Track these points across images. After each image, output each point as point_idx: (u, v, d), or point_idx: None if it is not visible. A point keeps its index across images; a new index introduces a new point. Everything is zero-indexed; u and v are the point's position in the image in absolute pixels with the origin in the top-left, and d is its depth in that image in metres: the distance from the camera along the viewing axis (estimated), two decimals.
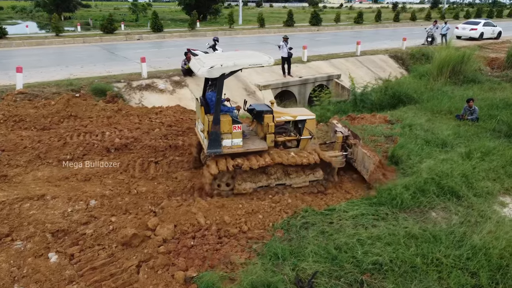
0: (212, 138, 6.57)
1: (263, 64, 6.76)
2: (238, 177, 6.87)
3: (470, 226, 6.05)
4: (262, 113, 7.11)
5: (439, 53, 17.29)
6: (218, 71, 6.38)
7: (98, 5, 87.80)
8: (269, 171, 6.98)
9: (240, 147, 6.80)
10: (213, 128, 6.52)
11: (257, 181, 6.99)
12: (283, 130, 7.43)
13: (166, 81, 14.07)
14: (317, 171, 7.34)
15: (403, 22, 43.43)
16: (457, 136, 9.80)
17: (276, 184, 7.15)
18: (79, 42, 22.88)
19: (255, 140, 7.19)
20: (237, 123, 6.73)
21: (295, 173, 7.19)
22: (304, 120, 7.50)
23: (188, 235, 5.70)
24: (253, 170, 6.80)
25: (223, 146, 6.69)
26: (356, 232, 5.88)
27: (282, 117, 7.33)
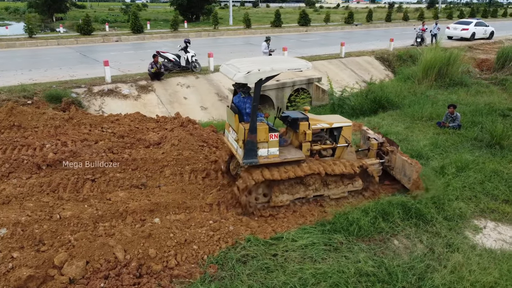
0: (248, 148, 6.17)
1: (302, 68, 6.30)
2: (275, 189, 6.46)
3: (434, 260, 5.21)
4: (297, 121, 6.76)
5: (425, 54, 16.48)
6: (256, 76, 5.94)
7: (93, 6, 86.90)
8: (307, 181, 6.60)
9: (277, 157, 6.40)
10: (249, 137, 6.13)
11: (295, 192, 6.61)
12: (318, 138, 7.07)
13: (131, 85, 13.23)
14: (356, 181, 6.96)
15: (395, 22, 42.67)
16: (434, 147, 8.98)
17: (314, 195, 6.77)
18: (53, 44, 22.01)
19: (290, 149, 6.80)
20: (274, 131, 6.31)
21: (334, 183, 6.82)
22: (341, 127, 7.10)
23: (101, 274, 4.84)
24: (290, 181, 6.49)
25: (259, 156, 6.27)
26: (301, 267, 5.04)
27: (318, 124, 6.97)
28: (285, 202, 6.56)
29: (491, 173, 7.63)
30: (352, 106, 13.58)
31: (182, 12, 40.76)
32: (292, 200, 6.63)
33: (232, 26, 34.62)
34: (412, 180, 6.91)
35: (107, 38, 24.43)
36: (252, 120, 6.08)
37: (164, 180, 7.46)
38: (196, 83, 14.43)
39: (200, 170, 7.75)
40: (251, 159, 6.22)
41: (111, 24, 35.20)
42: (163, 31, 29.44)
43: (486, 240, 5.79)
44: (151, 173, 7.56)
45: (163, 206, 6.40)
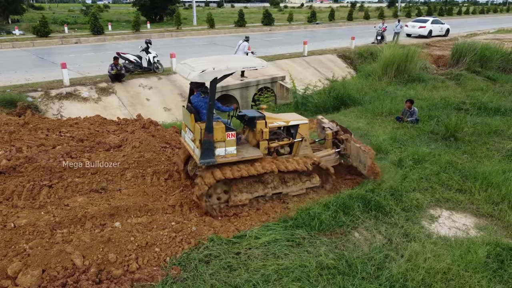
0: (205, 147, 6.12)
1: (257, 67, 6.29)
2: (233, 188, 6.49)
3: (392, 249, 5.37)
4: (254, 119, 6.72)
5: (384, 51, 16.95)
6: (211, 75, 5.90)
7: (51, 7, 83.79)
8: (266, 180, 6.66)
9: (235, 156, 6.37)
10: (205, 137, 6.07)
11: (254, 191, 6.65)
12: (276, 136, 7.06)
13: (91, 88, 12.88)
14: (313, 177, 7.08)
15: (357, 21, 43.65)
16: (393, 141, 9.25)
17: (273, 193, 6.83)
18: (8, 47, 21.11)
19: (248, 148, 6.80)
20: (231, 130, 6.29)
21: (292, 180, 6.91)
22: (297, 125, 7.15)
23: (58, 282, 4.69)
24: (249, 179, 6.51)
25: (216, 156, 6.23)
26: (264, 264, 5.07)
27: (274, 122, 6.96)
28: (245, 201, 6.58)
29: (446, 164, 7.94)
30: (315, 103, 13.79)
31: (145, 12, 40.08)
32: (251, 199, 6.66)
33: (196, 26, 34.36)
34: (367, 166, 7.11)
35: (66, 40, 23.68)
36: (208, 119, 6.04)
37: (125, 183, 7.31)
38: (159, 84, 14.23)
39: (162, 172, 7.65)
40: (209, 158, 6.18)
41: (70, 25, 34.07)
42: (125, 32, 28.83)
43: (441, 228, 6.03)
44: (111, 176, 7.40)
45: (124, 210, 6.27)
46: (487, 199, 6.72)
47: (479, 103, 12.19)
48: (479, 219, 6.29)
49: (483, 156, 8.56)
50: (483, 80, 16.53)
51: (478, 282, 4.67)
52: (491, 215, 6.36)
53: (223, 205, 6.62)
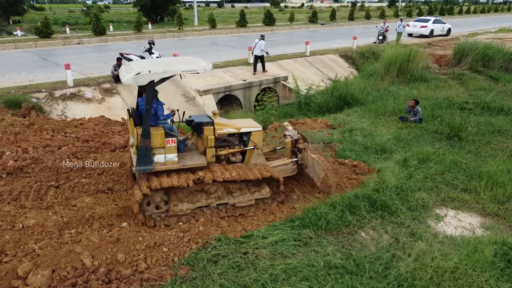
0: (142, 154, 5.85)
1: (198, 71, 6.01)
2: (173, 197, 6.17)
3: (399, 249, 5.39)
4: (201, 125, 6.44)
5: (386, 51, 16.98)
6: (146, 78, 5.65)
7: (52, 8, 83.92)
8: (209, 189, 6.33)
9: (175, 163, 6.11)
10: (142, 142, 5.81)
11: (196, 201, 6.32)
12: (226, 144, 6.75)
13: (95, 89, 12.93)
14: (263, 188, 6.67)
15: (358, 21, 43.65)
16: (397, 141, 9.29)
17: (218, 204, 6.49)
18: (10, 48, 21.16)
19: (194, 155, 6.53)
20: (171, 136, 6.04)
21: (238, 191, 6.53)
22: (249, 132, 6.84)
23: (68, 282, 4.71)
24: (190, 188, 6.16)
25: (155, 163, 5.99)
26: (272, 264, 5.09)
27: (224, 129, 6.65)
28: (186, 211, 6.24)
29: (451, 164, 7.97)
30: (318, 103, 13.82)
31: (146, 13, 40.10)
32: (193, 209, 6.31)
33: (197, 27, 34.40)
34: (320, 178, 6.73)
35: (68, 40, 23.72)
36: (145, 124, 5.77)
37: (131, 183, 7.34)
38: (162, 85, 14.20)
39: None
40: (145, 166, 5.90)
41: (72, 26, 34.11)
42: (127, 32, 28.88)
43: (447, 227, 6.05)
44: (117, 177, 7.43)
45: (131, 210, 6.30)
46: (492, 199, 6.75)
47: (482, 102, 12.22)
48: (485, 219, 6.32)
49: (488, 155, 8.58)
50: (486, 79, 16.56)
51: (486, 281, 4.69)
52: (497, 214, 6.39)
53: (164, 215, 6.25)
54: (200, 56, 19.18)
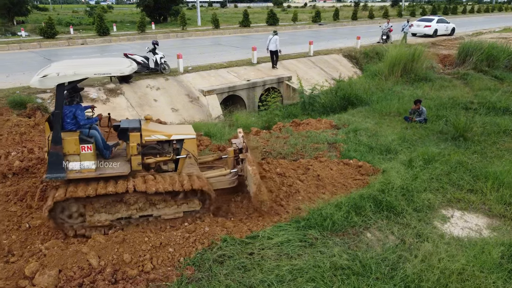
0: (52, 161, 5.55)
1: (113, 73, 5.83)
2: (88, 207, 5.85)
3: (405, 250, 5.38)
4: (127, 131, 6.08)
5: (390, 51, 16.94)
6: (53, 81, 5.36)
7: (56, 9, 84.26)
8: (128, 200, 5.94)
9: (92, 171, 5.76)
10: (52, 149, 5.51)
11: (114, 211, 5.98)
12: (156, 151, 6.37)
13: (99, 89, 12.96)
14: (191, 201, 6.26)
15: (361, 21, 43.56)
16: (402, 141, 9.25)
17: (141, 215, 6.11)
18: (15, 49, 21.25)
19: (119, 163, 6.11)
20: (86, 142, 5.70)
21: (162, 202, 6.12)
22: (182, 139, 6.47)
23: (74, 282, 4.73)
24: (107, 199, 5.83)
25: (69, 170, 5.66)
26: (277, 264, 5.09)
27: (152, 135, 6.25)
28: (104, 222, 5.93)
29: (456, 164, 7.93)
30: (322, 103, 13.80)
31: (149, 13, 40.19)
32: (112, 220, 6.00)
33: (200, 27, 34.42)
34: (251, 192, 6.31)
35: (72, 41, 23.80)
36: (56, 129, 5.48)
37: None
38: (166, 85, 14.29)
39: None
40: (57, 173, 5.58)
41: (75, 27, 34.24)
42: (130, 33, 28.94)
43: (454, 228, 6.03)
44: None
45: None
46: (499, 199, 6.71)
47: (487, 102, 12.17)
48: (491, 220, 6.29)
49: (493, 156, 8.54)
50: (490, 79, 16.49)
51: (493, 282, 4.67)
52: (504, 215, 6.36)
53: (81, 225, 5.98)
54: (203, 56, 19.27)
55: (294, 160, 8.27)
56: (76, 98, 5.90)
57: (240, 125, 12.35)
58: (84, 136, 5.78)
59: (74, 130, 5.83)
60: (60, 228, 5.88)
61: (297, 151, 8.80)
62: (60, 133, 5.52)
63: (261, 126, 12.29)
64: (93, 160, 5.76)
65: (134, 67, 6.01)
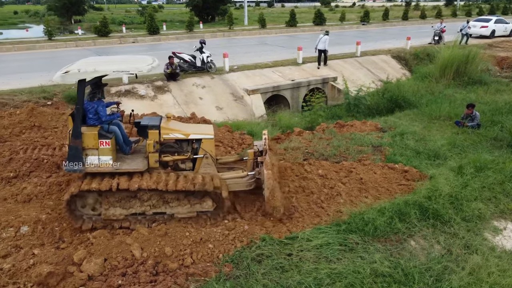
0: (72, 154, 5.77)
1: (131, 72, 5.87)
2: (104, 201, 6.03)
3: (452, 261, 5.13)
4: (146, 128, 6.20)
5: (442, 52, 16.25)
6: (74, 77, 5.56)
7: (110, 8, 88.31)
8: (141, 196, 6.07)
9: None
10: (72, 142, 5.73)
11: (129, 207, 6.12)
12: (174, 150, 6.44)
13: (148, 86, 13.40)
14: (205, 201, 6.26)
15: (412, 21, 42.07)
16: (452, 147, 8.85)
17: (154, 212, 6.22)
18: (72, 46, 22.43)
19: (137, 159, 6.25)
20: (105, 138, 5.86)
21: (176, 201, 6.19)
22: (200, 139, 6.48)
23: (118, 271, 4.92)
24: (122, 194, 5.98)
25: (88, 164, 5.88)
26: (316, 267, 5.03)
27: (171, 134, 6.31)
28: (119, 217, 6.07)
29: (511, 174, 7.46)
30: (368, 105, 13.51)
31: (197, 13, 41.09)
32: (126, 215, 6.13)
33: (247, 26, 34.70)
34: (265, 198, 6.04)
35: (124, 39, 24.78)
36: (76, 124, 5.67)
37: None
38: (212, 84, 14.53)
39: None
40: (75, 166, 5.79)
41: (127, 25, 35.71)
42: (179, 32, 29.70)
43: (506, 241, 5.68)
44: None
45: None
46: None
47: None
48: None
49: None
50: None
51: None
52: None
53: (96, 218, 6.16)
54: (249, 55, 19.39)
55: (336, 162, 8.14)
56: (97, 94, 6.13)
57: (283, 125, 12.36)
58: (104, 132, 5.93)
59: (95, 125, 6.01)
60: (77, 221, 6.05)
61: (340, 153, 8.65)
62: (80, 127, 5.72)
63: (304, 126, 12.20)
64: (111, 155, 5.92)
65: (155, 65, 6.08)
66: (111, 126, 6.14)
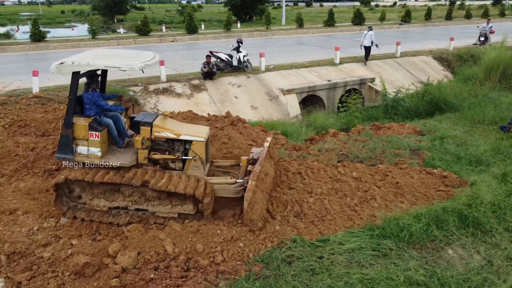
0: (63, 143, 5.98)
1: (122, 68, 5.83)
2: (88, 191, 6.20)
3: (492, 273, 4.88)
4: (139, 124, 6.23)
5: (488, 54, 15.53)
6: (68, 69, 5.69)
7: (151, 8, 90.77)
8: (123, 191, 6.14)
9: (98, 158, 6.05)
10: (64, 131, 5.92)
11: (112, 200, 6.23)
12: (164, 148, 6.41)
13: (185, 84, 13.63)
14: (186, 204, 6.21)
15: (456, 21, 40.47)
16: (496, 153, 8.42)
17: (136, 208, 6.27)
18: (113, 45, 23.16)
19: (127, 154, 6.32)
20: (95, 130, 5.98)
21: (157, 200, 6.20)
22: (190, 141, 6.42)
23: (151, 265, 5.04)
24: (106, 186, 6.08)
25: (78, 154, 6.06)
26: (347, 272, 4.93)
27: (162, 132, 6.29)
28: (102, 208, 6.19)
29: None
30: (406, 107, 13.14)
31: (235, 12, 41.39)
32: (110, 207, 6.24)
33: (284, 26, 34.60)
34: (244, 209, 5.74)
35: (163, 38, 25.35)
36: (68, 114, 5.85)
37: None
38: (247, 83, 14.59)
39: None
40: (65, 155, 5.99)
41: (167, 25, 36.52)
42: (217, 31, 30.05)
43: None
44: None
45: None
46: None
47: None
48: None
49: None
50: None
51: None
52: None
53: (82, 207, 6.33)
54: (285, 55, 19.32)
55: (371, 165, 7.96)
56: (92, 85, 6.28)
57: (318, 126, 12.24)
58: (95, 124, 6.06)
59: (92, 116, 6.14)
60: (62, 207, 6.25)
61: (376, 156, 8.44)
62: (71, 117, 5.89)
63: (339, 127, 12.02)
64: (100, 147, 6.05)
65: (151, 63, 6.09)
66: (105, 118, 6.28)
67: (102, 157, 6.10)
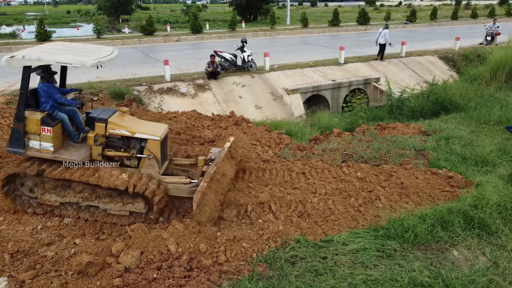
0: (14, 136, 5.96)
1: (74, 64, 5.72)
2: (39, 186, 6.20)
3: (498, 274, 4.83)
4: (94, 120, 6.22)
5: (494, 53, 15.40)
6: (18, 63, 5.62)
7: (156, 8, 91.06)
8: (74, 187, 6.12)
9: (50, 153, 6.01)
10: (15, 125, 5.90)
11: (63, 195, 6.22)
12: (119, 145, 6.37)
13: (189, 84, 13.62)
14: (137, 202, 6.18)
15: (462, 20, 40.24)
16: (502, 153, 8.34)
17: (88, 204, 6.26)
18: (118, 44, 23.22)
19: (81, 150, 6.25)
20: (47, 125, 5.92)
21: (108, 197, 6.17)
22: (146, 139, 6.38)
23: (154, 264, 5.02)
24: (57, 182, 6.08)
25: (30, 148, 6.02)
26: (351, 272, 4.89)
27: (117, 129, 6.26)
28: (54, 203, 6.22)
29: None
30: (411, 107, 13.05)
31: (240, 12, 41.39)
32: (61, 203, 6.24)
33: (289, 26, 34.56)
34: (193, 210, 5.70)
35: (168, 38, 25.39)
36: (19, 109, 5.83)
37: None
38: (251, 83, 14.57)
39: (252, 168, 7.79)
40: (16, 148, 5.98)
41: (172, 25, 36.62)
42: (221, 31, 30.06)
43: None
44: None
45: None
46: None
47: None
48: None
49: None
50: None
51: None
52: None
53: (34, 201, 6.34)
54: (290, 55, 19.29)
55: (376, 165, 7.91)
56: (47, 76, 6.17)
57: (322, 126, 12.18)
58: (48, 119, 6.00)
59: (46, 110, 6.07)
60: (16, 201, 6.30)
61: (381, 156, 8.39)
62: (23, 112, 5.86)
63: (344, 127, 11.97)
64: (52, 142, 5.99)
65: (105, 60, 5.98)
66: (59, 113, 6.20)
67: (54, 152, 6.06)
